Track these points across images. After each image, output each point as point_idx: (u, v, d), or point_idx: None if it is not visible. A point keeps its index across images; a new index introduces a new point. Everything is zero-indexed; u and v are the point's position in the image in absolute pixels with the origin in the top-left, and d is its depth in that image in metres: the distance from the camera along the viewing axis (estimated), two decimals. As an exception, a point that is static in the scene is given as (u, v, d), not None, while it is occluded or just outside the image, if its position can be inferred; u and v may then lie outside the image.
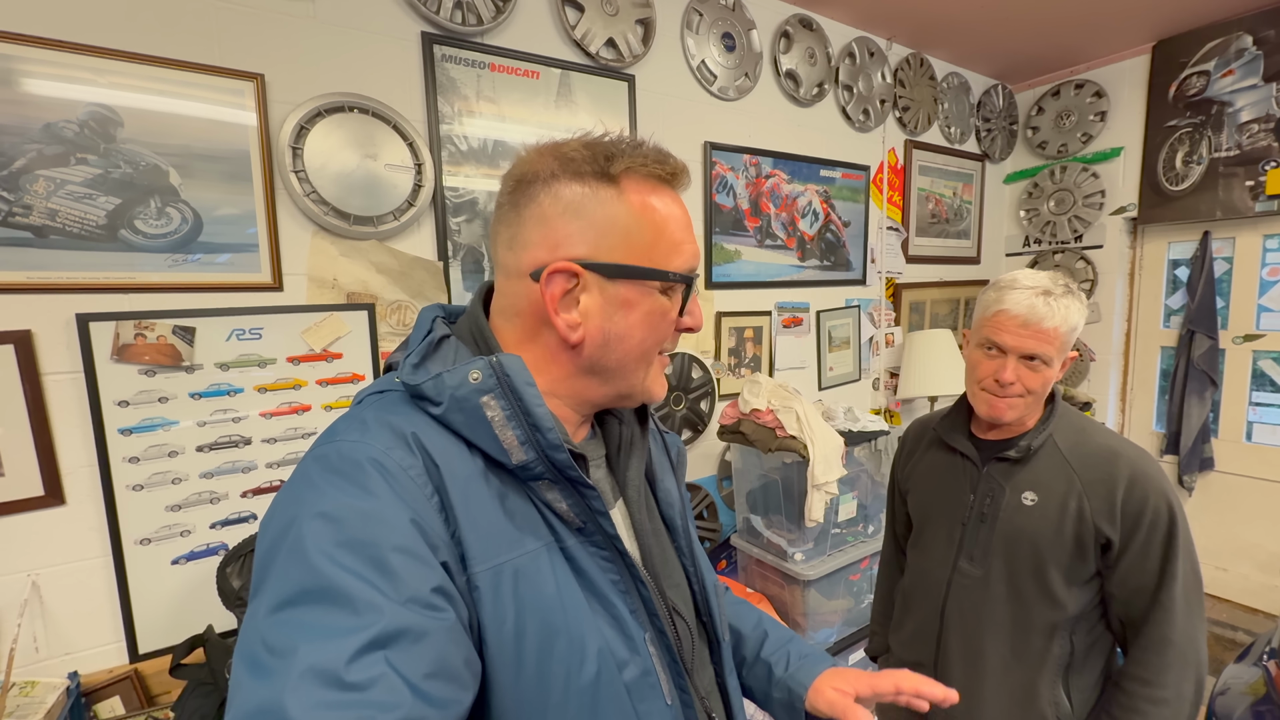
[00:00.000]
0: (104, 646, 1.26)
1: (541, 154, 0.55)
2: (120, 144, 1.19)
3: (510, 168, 0.57)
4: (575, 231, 0.53)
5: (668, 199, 0.57)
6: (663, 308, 0.57)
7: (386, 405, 0.52)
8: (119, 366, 1.22)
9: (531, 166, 0.55)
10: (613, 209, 0.53)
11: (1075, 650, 1.00)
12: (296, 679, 0.37)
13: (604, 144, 0.54)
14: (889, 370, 2.72)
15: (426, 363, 0.54)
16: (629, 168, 0.54)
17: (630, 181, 0.54)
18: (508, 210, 0.56)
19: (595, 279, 0.54)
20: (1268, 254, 2.44)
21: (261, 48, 1.32)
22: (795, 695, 0.71)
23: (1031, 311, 0.96)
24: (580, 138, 0.56)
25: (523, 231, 0.55)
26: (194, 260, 1.28)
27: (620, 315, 0.55)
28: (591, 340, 0.55)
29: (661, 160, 0.56)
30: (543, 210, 0.54)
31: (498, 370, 0.50)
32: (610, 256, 0.54)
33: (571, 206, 0.53)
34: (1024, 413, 1.03)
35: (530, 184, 0.54)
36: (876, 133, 2.52)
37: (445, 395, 0.50)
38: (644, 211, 0.54)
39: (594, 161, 0.53)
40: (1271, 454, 2.47)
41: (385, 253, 1.49)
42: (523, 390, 0.50)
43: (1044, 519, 1.00)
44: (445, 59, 1.53)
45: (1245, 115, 2.36)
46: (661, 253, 0.55)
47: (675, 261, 0.56)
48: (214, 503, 1.33)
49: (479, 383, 0.50)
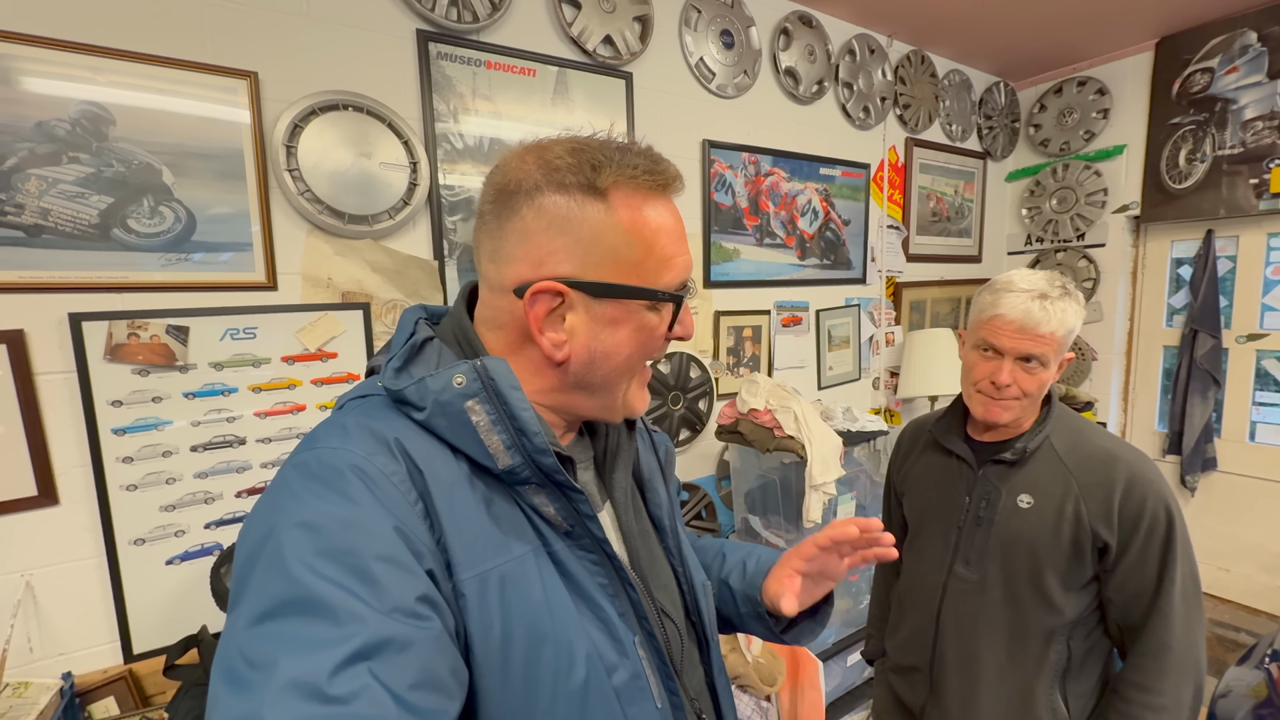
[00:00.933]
0: (98, 647, 1.25)
1: (524, 159, 0.53)
2: (112, 142, 1.18)
3: (491, 172, 0.55)
4: (560, 248, 0.51)
5: (659, 210, 0.54)
6: (650, 324, 0.55)
7: (368, 410, 0.51)
8: (112, 366, 1.21)
9: (514, 175, 0.52)
10: (599, 225, 0.51)
11: (1073, 656, 0.99)
12: (277, 693, 0.36)
13: (591, 151, 0.51)
14: (889, 370, 2.71)
15: (409, 366, 0.52)
16: (617, 180, 0.51)
17: (619, 195, 0.52)
18: (490, 220, 0.54)
19: (581, 297, 0.52)
20: (1272, 252, 2.42)
21: (254, 45, 1.31)
22: (756, 602, 0.71)
23: (1027, 316, 0.95)
24: (566, 140, 0.53)
25: (505, 245, 0.53)
26: (187, 259, 1.27)
27: (607, 333, 0.53)
28: (577, 358, 0.54)
29: (652, 170, 0.53)
30: (525, 224, 0.51)
31: (482, 374, 0.49)
32: (597, 275, 0.52)
33: (556, 222, 0.51)
34: (1020, 415, 1.02)
35: (513, 194, 0.52)
36: (877, 130, 2.51)
37: (429, 400, 0.49)
38: (633, 227, 0.52)
39: (579, 172, 0.51)
40: (1275, 454, 2.45)
41: (380, 252, 1.48)
42: (508, 394, 0.49)
43: (1040, 522, 0.98)
44: (441, 56, 1.52)
45: (1249, 113, 2.34)
46: (651, 269, 0.53)
47: (665, 277, 0.54)
48: (208, 503, 1.33)
49: (463, 387, 0.49)
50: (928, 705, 1.11)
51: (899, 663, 1.18)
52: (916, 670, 1.13)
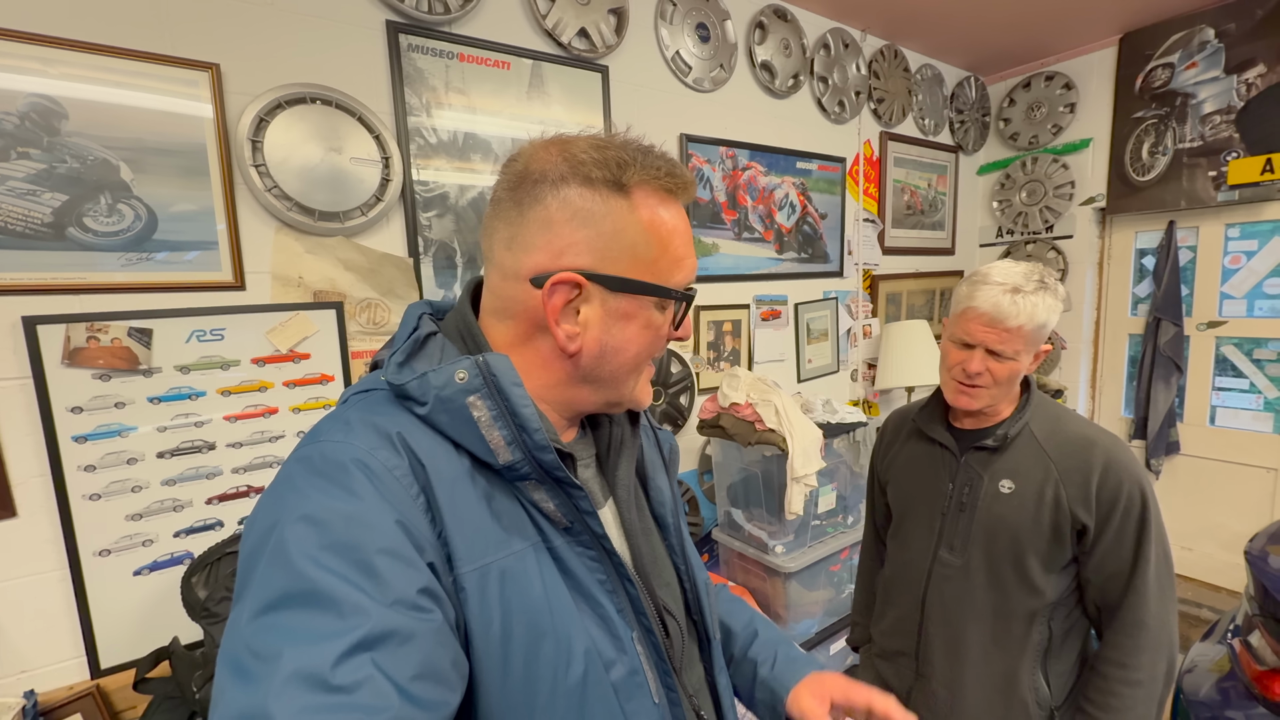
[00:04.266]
0: (63, 663, 1.21)
1: (548, 150, 0.53)
2: (65, 137, 1.13)
3: (512, 160, 0.55)
4: (581, 240, 0.52)
5: (674, 212, 0.55)
6: (657, 322, 0.56)
7: (371, 405, 0.52)
8: (71, 371, 1.16)
9: (538, 164, 0.53)
10: (622, 221, 0.52)
11: (1053, 636, 1.02)
12: (281, 683, 0.36)
13: (615, 149, 0.52)
14: (867, 361, 2.75)
15: (412, 361, 0.53)
16: (641, 179, 0.52)
17: (641, 193, 0.53)
18: (508, 207, 0.54)
19: (598, 290, 0.53)
20: (1229, 243, 2.51)
21: (216, 36, 1.26)
22: (777, 697, 0.72)
23: (996, 309, 0.97)
24: (589, 138, 0.54)
25: (524, 233, 0.53)
26: (149, 259, 1.23)
27: (619, 328, 0.54)
28: (589, 351, 0.55)
29: (673, 173, 0.54)
30: (549, 214, 0.52)
31: (484, 370, 0.50)
32: (615, 269, 0.53)
33: (580, 214, 0.51)
34: (991, 401, 1.04)
35: (537, 183, 0.52)
36: (852, 124, 2.53)
37: (430, 395, 0.50)
38: (652, 225, 0.53)
39: (605, 168, 0.51)
40: (1234, 437, 2.55)
41: (353, 249, 1.44)
42: (509, 390, 0.50)
43: (1021, 506, 1.00)
44: (412, 49, 1.48)
45: (1208, 107, 2.41)
46: (664, 268, 0.54)
47: (677, 277, 0.56)
48: (177, 510, 1.29)
49: (465, 382, 0.49)
50: (914, 689, 1.13)
51: (885, 648, 1.20)
52: (903, 655, 1.14)
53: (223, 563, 1.22)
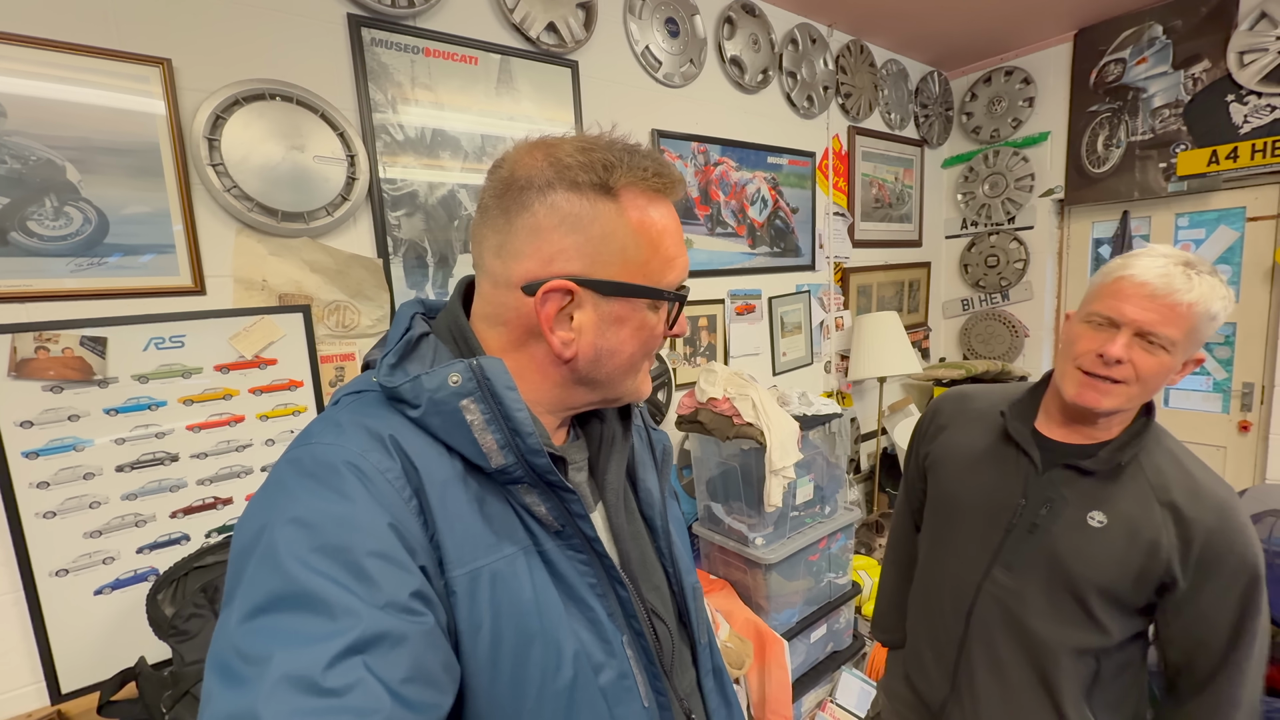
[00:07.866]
0: (20, 689, 1.15)
1: (533, 154, 0.53)
2: (3, 136, 1.07)
3: (497, 165, 0.54)
4: (571, 246, 0.51)
5: (664, 212, 0.55)
6: (650, 323, 0.56)
7: (363, 407, 0.51)
8: (19, 384, 1.10)
9: (524, 169, 0.52)
10: (611, 225, 0.52)
11: (1104, 671, 0.92)
12: (271, 686, 0.36)
13: (601, 151, 0.52)
14: (840, 353, 2.79)
15: (404, 363, 0.52)
16: (628, 181, 0.52)
17: (629, 195, 0.52)
18: (496, 215, 0.53)
19: (590, 296, 0.53)
20: (1179, 231, 2.62)
21: (167, 29, 1.21)
22: None
23: (1166, 280, 0.79)
24: (574, 140, 0.53)
25: (513, 240, 0.52)
26: (101, 264, 1.17)
27: (613, 331, 0.54)
28: (584, 355, 0.55)
29: (660, 173, 0.54)
30: (537, 221, 0.51)
31: (478, 374, 0.49)
32: (606, 273, 0.52)
33: (568, 220, 0.51)
34: (1125, 404, 0.86)
35: (523, 190, 0.51)
36: (821, 119, 2.56)
37: (423, 398, 0.49)
38: (641, 228, 0.53)
39: (592, 171, 0.51)
40: (1187, 417, 2.66)
41: (319, 250, 1.40)
42: (503, 394, 0.49)
43: (1108, 546, 0.87)
44: (375, 43, 1.44)
45: (1157, 101, 2.51)
46: (655, 269, 0.54)
47: (669, 277, 0.55)
48: (140, 525, 1.24)
49: (458, 386, 0.49)
50: (948, 702, 1.05)
51: (921, 657, 1.10)
52: (939, 665, 1.06)
53: (190, 578, 1.18)
